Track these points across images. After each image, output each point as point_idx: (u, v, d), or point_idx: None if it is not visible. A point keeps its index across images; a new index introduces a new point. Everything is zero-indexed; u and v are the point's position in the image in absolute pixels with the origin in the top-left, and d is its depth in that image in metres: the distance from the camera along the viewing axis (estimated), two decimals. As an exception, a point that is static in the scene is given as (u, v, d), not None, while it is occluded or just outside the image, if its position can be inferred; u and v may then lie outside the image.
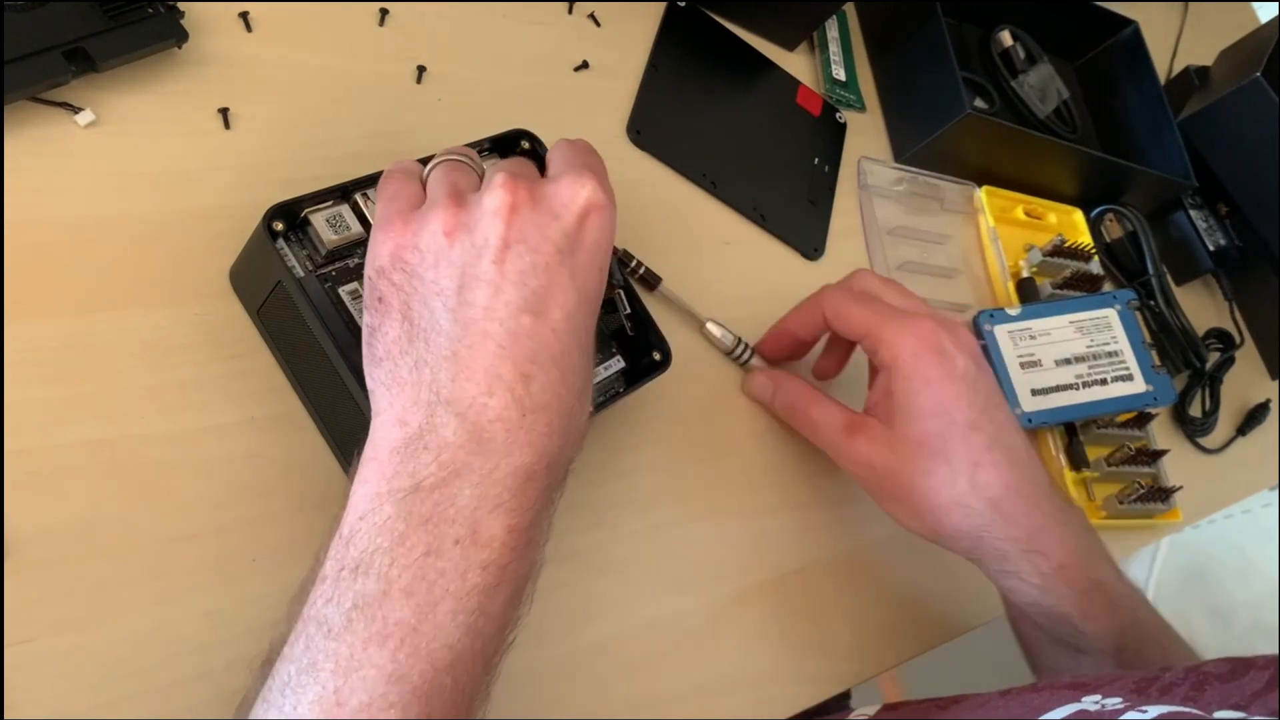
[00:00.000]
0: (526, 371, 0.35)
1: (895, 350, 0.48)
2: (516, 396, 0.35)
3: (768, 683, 0.52)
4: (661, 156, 0.62)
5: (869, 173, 0.71)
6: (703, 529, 0.54)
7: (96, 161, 0.44)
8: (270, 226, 0.41)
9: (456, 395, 0.35)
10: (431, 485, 0.34)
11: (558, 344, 0.36)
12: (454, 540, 0.34)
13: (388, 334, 0.37)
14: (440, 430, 0.35)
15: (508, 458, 0.35)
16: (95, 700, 0.37)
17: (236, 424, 0.43)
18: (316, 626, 0.33)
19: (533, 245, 0.36)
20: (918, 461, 0.48)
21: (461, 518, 0.34)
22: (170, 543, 0.40)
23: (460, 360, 0.35)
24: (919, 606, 0.60)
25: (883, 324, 0.49)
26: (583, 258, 0.37)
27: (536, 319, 0.36)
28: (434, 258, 0.36)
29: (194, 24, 0.47)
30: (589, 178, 0.38)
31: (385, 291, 0.37)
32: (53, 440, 0.39)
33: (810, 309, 0.53)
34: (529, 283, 0.36)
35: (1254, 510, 1.61)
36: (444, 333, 0.36)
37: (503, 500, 0.35)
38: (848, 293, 0.52)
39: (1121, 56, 0.86)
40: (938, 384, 0.48)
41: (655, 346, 0.50)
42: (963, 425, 0.48)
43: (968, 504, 0.48)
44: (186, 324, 0.43)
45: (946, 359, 0.48)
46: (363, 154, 0.49)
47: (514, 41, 0.59)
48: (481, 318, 0.35)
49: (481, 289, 0.35)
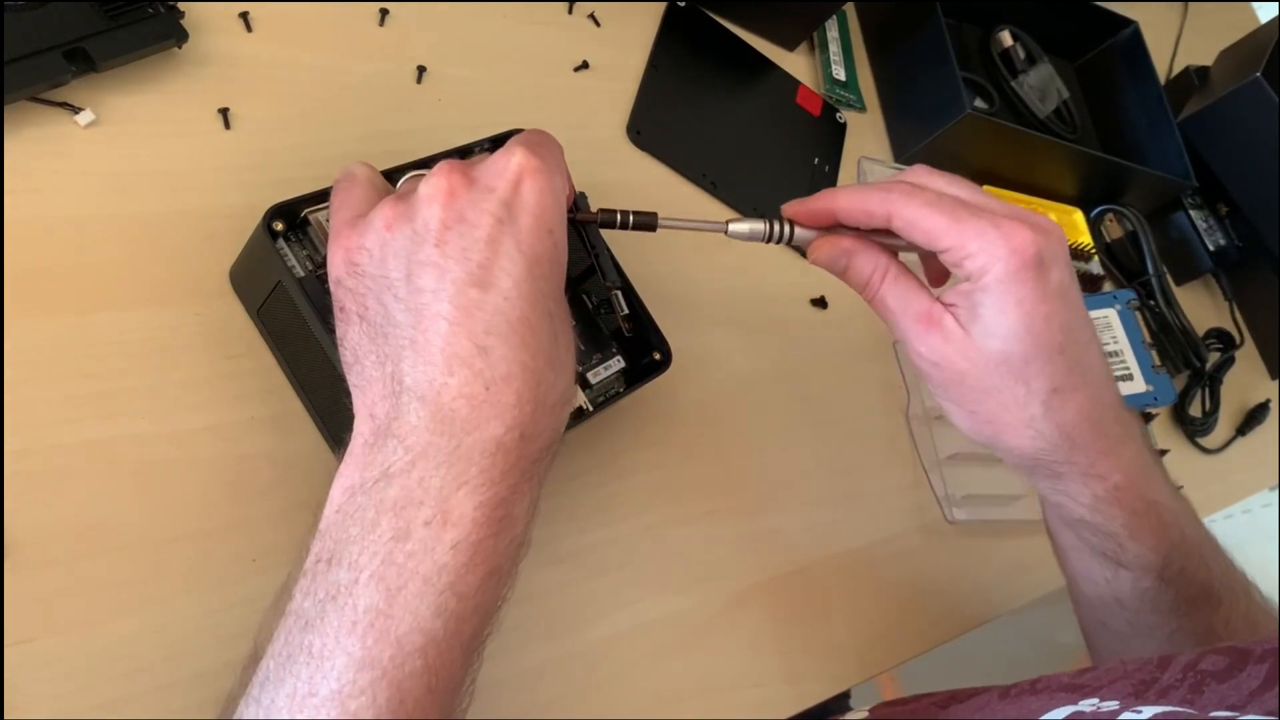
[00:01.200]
0: (483, 344, 0.35)
1: (985, 264, 0.43)
2: (476, 370, 0.35)
3: (768, 683, 0.52)
4: (661, 156, 0.62)
5: (869, 172, 0.71)
6: (703, 529, 0.54)
7: (96, 161, 0.44)
8: (270, 226, 0.41)
9: (418, 380, 0.35)
10: (399, 470, 0.35)
11: (514, 311, 0.36)
12: (423, 522, 0.34)
13: (351, 338, 0.37)
14: (406, 416, 0.35)
15: (472, 433, 0.35)
16: (95, 700, 0.37)
17: (236, 424, 0.43)
18: (295, 620, 0.34)
19: (472, 221, 0.36)
20: (993, 378, 0.44)
21: (429, 499, 0.34)
22: (169, 543, 0.40)
23: (417, 346, 0.36)
24: (919, 606, 0.60)
25: (969, 235, 0.43)
26: (525, 222, 0.37)
27: (484, 291, 0.36)
28: (379, 253, 0.37)
29: (194, 24, 0.47)
30: (518, 148, 0.38)
31: (343, 299, 0.38)
32: (53, 440, 0.39)
33: (872, 204, 0.45)
34: (472, 257, 0.36)
35: (1254, 510, 1.61)
36: (398, 324, 0.36)
37: (470, 476, 0.35)
38: (921, 197, 0.44)
39: (1121, 56, 0.86)
40: (1029, 304, 0.43)
41: (655, 346, 0.50)
42: (1049, 348, 0.43)
43: (1037, 428, 0.45)
44: (186, 324, 0.43)
45: (1043, 274, 0.43)
46: (363, 154, 0.49)
47: (514, 41, 0.59)
48: (431, 301, 0.36)
49: (427, 272, 0.36)
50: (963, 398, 0.46)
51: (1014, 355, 0.43)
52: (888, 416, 0.64)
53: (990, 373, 0.44)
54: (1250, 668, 0.38)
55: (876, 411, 0.64)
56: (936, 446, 0.64)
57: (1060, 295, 0.43)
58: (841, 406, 0.62)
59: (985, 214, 0.43)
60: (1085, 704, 0.40)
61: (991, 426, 0.46)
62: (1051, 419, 0.45)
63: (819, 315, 0.65)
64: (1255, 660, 0.38)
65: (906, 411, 0.65)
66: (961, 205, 0.44)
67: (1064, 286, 0.44)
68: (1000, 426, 0.45)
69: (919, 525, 0.62)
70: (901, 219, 0.44)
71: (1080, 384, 0.45)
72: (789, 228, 0.47)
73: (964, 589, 0.61)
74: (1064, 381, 0.44)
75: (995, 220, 0.43)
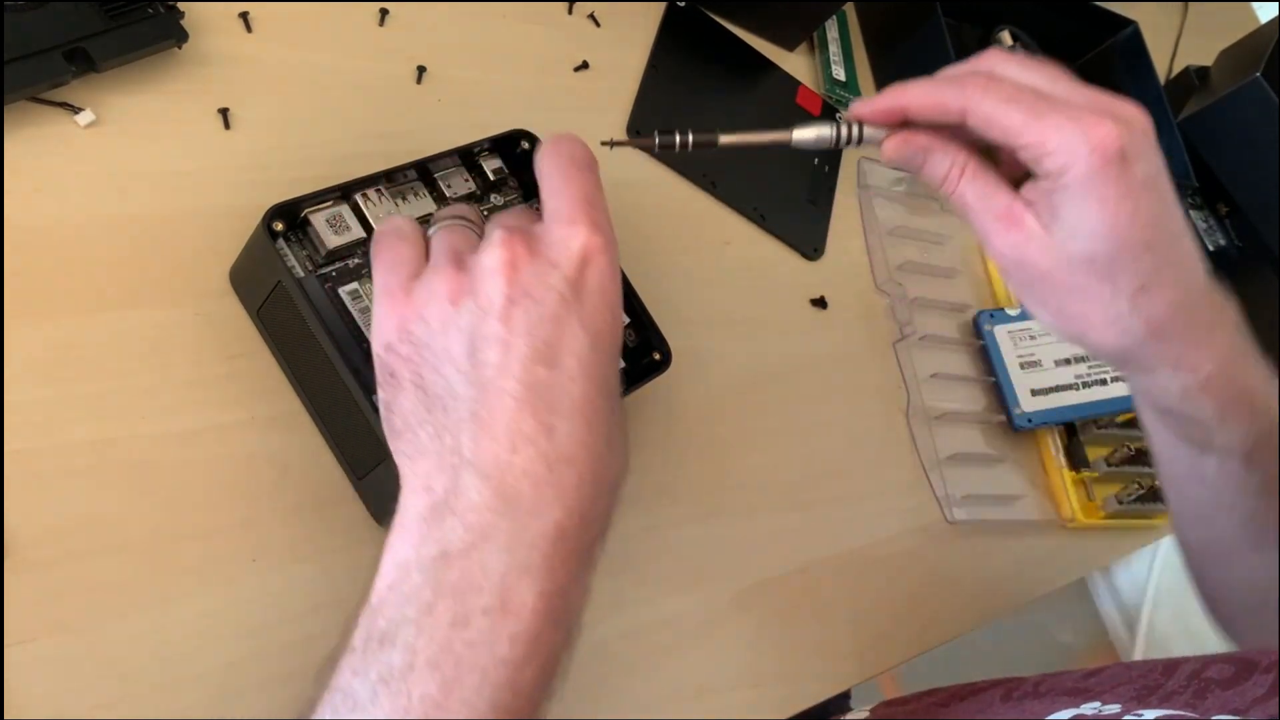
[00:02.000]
0: (548, 423, 0.35)
1: (1065, 163, 0.40)
2: (541, 450, 0.35)
3: (768, 683, 0.52)
4: (662, 156, 0.62)
5: (869, 173, 0.71)
6: (703, 529, 0.54)
7: (96, 161, 0.44)
8: (270, 226, 0.41)
9: (480, 455, 0.35)
10: (459, 551, 0.34)
11: (577, 391, 0.36)
12: (482, 610, 0.33)
13: (403, 406, 0.37)
14: (466, 493, 0.34)
15: (537, 517, 0.34)
16: (95, 700, 0.37)
17: (236, 424, 0.43)
18: (343, 698, 0.33)
19: (537, 297, 0.36)
20: (1077, 277, 0.42)
21: (490, 585, 0.33)
22: (169, 543, 0.40)
23: (480, 420, 0.35)
24: (919, 607, 0.60)
25: (1049, 131, 0.40)
26: (589, 301, 0.37)
27: (551, 369, 0.35)
28: (441, 325, 0.36)
29: (194, 24, 0.47)
30: (583, 218, 0.37)
31: (395, 365, 0.37)
32: (53, 440, 0.39)
33: (947, 98, 0.43)
34: (538, 334, 0.35)
35: (1254, 510, 1.61)
36: (460, 396, 0.35)
37: (533, 563, 0.34)
38: (999, 91, 0.42)
39: (1121, 56, 0.86)
40: (1114, 203, 0.41)
41: (655, 346, 0.50)
42: (1136, 246, 0.41)
43: (1124, 325, 0.43)
44: (186, 324, 0.43)
45: (1127, 169, 0.40)
46: (363, 154, 0.49)
47: (514, 41, 0.59)
48: (496, 376, 0.35)
49: (492, 347, 0.35)
50: (1046, 297, 0.44)
51: (1098, 255, 0.41)
52: (887, 416, 0.64)
53: (1074, 272, 0.42)
54: (1256, 677, 0.38)
55: (876, 411, 0.64)
56: (936, 446, 0.64)
57: (1146, 189, 0.41)
58: (841, 406, 0.62)
59: (1064, 108, 0.41)
60: (1087, 707, 0.39)
61: (1079, 325, 0.44)
62: (1139, 315, 0.43)
63: (819, 315, 0.65)
64: (1261, 670, 0.38)
65: (906, 411, 0.65)
66: (1040, 98, 0.41)
67: (1150, 179, 0.41)
68: (1087, 325, 0.43)
69: (919, 525, 0.62)
70: (977, 115, 0.41)
71: (1170, 281, 0.43)
72: (858, 128, 0.45)
73: (964, 589, 0.61)
74: (1151, 278, 0.42)
75: (1075, 114, 0.40)
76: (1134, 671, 0.41)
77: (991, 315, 0.68)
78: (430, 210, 0.46)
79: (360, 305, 0.43)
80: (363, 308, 0.43)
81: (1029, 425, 0.66)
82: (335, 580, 0.42)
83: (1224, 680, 0.38)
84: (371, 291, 0.43)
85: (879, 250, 0.69)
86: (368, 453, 0.42)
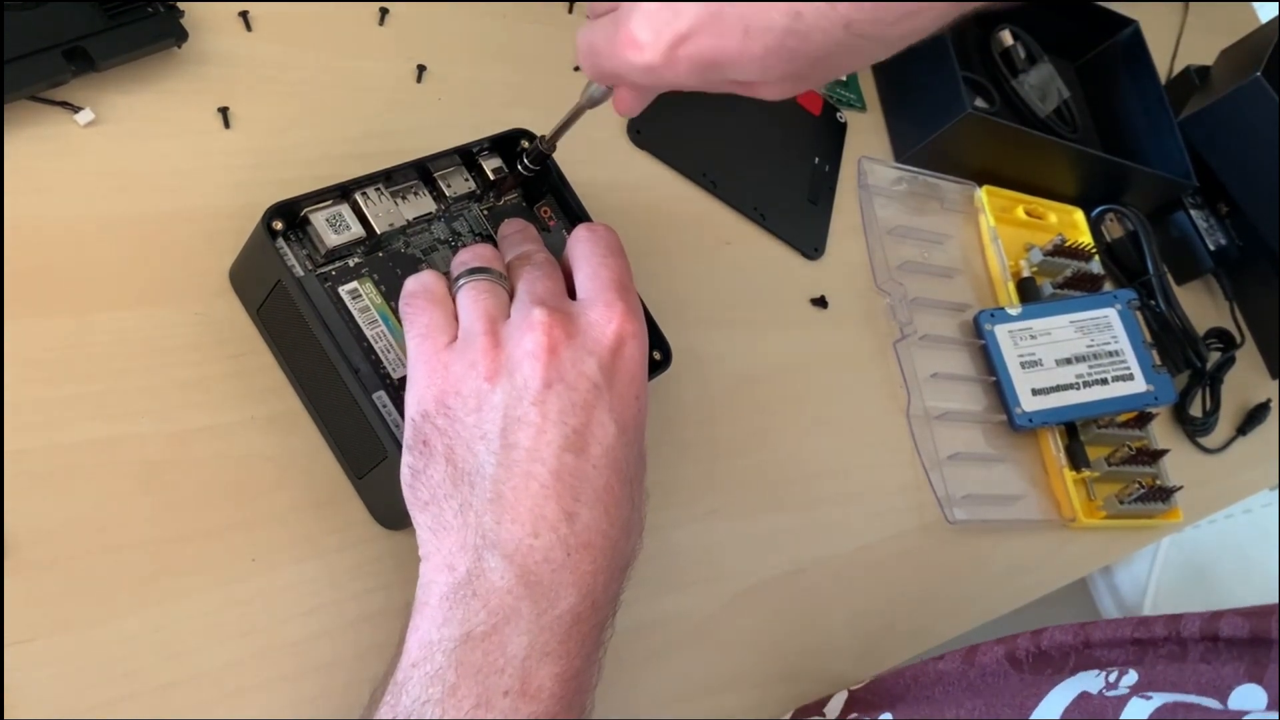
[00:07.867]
0: (570, 510, 0.36)
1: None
2: (561, 536, 0.35)
3: (768, 683, 0.52)
4: (661, 156, 0.62)
5: (869, 172, 0.71)
6: (703, 529, 0.53)
7: (96, 161, 0.44)
8: (270, 226, 0.41)
9: (503, 538, 0.35)
10: (482, 634, 0.35)
11: (599, 479, 0.37)
12: (503, 692, 0.34)
13: (432, 477, 0.37)
14: (489, 575, 0.35)
15: (556, 602, 0.35)
16: (95, 700, 0.37)
17: (236, 424, 0.43)
18: None
19: (570, 383, 0.37)
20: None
21: (511, 667, 0.34)
22: (170, 543, 0.40)
23: (505, 502, 0.36)
24: (919, 606, 0.60)
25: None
26: (619, 389, 0.38)
27: (578, 456, 0.36)
28: (476, 402, 0.37)
29: (194, 23, 0.47)
30: (619, 304, 0.39)
31: (430, 435, 0.37)
32: (53, 440, 0.39)
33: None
34: (569, 421, 0.36)
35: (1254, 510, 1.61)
36: (488, 475, 0.36)
37: (551, 647, 0.35)
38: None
39: (1122, 56, 0.86)
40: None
41: (655, 346, 0.50)
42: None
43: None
44: (186, 324, 0.43)
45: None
46: (363, 153, 0.49)
47: (514, 41, 0.59)
48: (525, 459, 0.36)
49: (524, 431, 0.36)
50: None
51: None
52: (888, 416, 0.64)
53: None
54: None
55: (876, 411, 0.64)
56: (936, 446, 0.64)
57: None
58: (841, 406, 0.62)
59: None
60: (1088, 676, 0.39)
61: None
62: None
63: (819, 315, 0.65)
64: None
65: (906, 411, 0.65)
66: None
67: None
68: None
69: (919, 525, 0.62)
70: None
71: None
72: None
73: (964, 589, 0.61)
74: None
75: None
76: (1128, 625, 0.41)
77: (992, 315, 0.68)
78: (430, 210, 0.46)
79: (360, 304, 0.43)
80: (362, 307, 0.43)
81: (1029, 425, 0.66)
82: (335, 580, 0.42)
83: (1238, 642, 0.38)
84: (371, 292, 0.43)
85: (879, 250, 0.69)
86: (367, 453, 0.42)
